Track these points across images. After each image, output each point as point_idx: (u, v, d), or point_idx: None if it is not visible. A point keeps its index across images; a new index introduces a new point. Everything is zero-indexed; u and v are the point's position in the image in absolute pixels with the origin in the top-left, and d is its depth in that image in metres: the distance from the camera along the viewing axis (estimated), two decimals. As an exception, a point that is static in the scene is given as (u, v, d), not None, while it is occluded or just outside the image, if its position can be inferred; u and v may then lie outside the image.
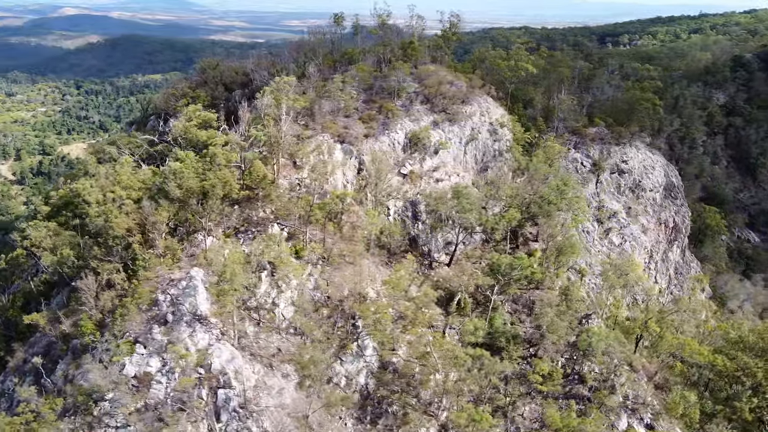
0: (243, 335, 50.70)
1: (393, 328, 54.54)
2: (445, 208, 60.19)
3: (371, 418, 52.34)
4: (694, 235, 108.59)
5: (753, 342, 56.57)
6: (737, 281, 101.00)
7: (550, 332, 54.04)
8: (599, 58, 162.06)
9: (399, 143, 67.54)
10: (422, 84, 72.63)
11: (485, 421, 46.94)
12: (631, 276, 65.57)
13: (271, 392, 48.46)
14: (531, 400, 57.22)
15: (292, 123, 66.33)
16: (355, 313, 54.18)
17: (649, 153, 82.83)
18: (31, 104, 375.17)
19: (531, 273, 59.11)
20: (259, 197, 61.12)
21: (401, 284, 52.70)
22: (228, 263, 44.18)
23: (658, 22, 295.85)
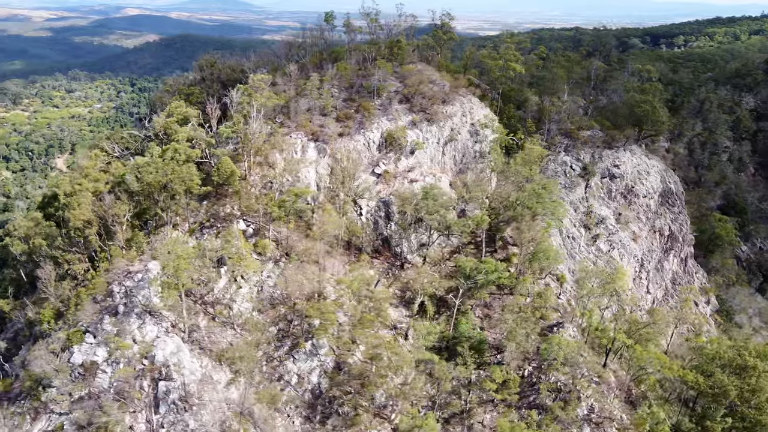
0: (195, 329, 51.22)
1: (351, 328, 54.11)
2: (411, 209, 59.21)
3: (321, 418, 52.00)
4: (703, 244, 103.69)
5: (729, 358, 53.39)
6: (747, 294, 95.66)
7: (508, 339, 52.39)
8: (618, 60, 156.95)
9: (374, 142, 66.92)
10: (404, 83, 71.77)
11: (426, 427, 45.87)
12: (611, 285, 62.99)
13: (216, 387, 48.79)
14: (493, 408, 55.88)
15: (269, 121, 66.76)
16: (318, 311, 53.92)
17: (644, 158, 79.27)
18: (88, 101, 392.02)
19: (497, 278, 57.46)
20: (228, 193, 61.82)
21: (354, 284, 52.06)
22: (172, 257, 44.54)
23: (717, 23, 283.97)
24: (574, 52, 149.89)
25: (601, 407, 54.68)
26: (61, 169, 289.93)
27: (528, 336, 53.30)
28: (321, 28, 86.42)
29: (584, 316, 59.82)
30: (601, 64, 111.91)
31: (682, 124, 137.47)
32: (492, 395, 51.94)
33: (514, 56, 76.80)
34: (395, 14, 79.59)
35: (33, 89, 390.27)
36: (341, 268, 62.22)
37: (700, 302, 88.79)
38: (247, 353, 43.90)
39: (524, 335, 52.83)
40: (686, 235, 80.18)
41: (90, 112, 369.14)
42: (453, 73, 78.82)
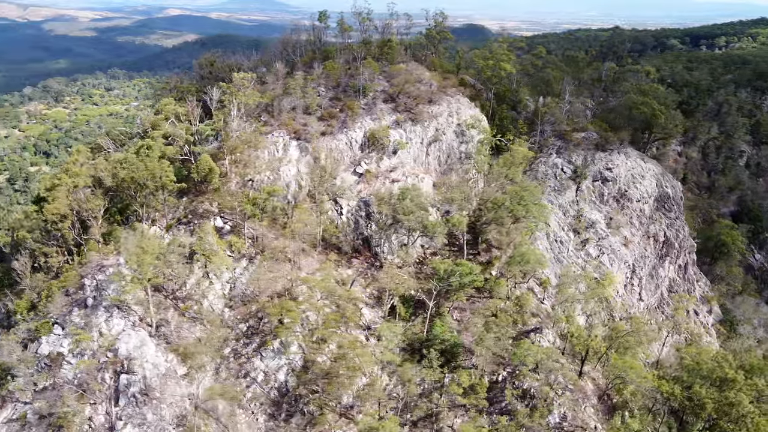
0: (164, 324, 51.76)
1: (320, 327, 53.96)
2: (387, 209, 58.74)
3: (285, 416, 52.01)
4: (709, 251, 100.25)
5: (709, 370, 51.41)
6: (754, 304, 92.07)
7: (476, 344, 51.48)
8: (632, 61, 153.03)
9: (357, 142, 66.67)
10: (391, 83, 71.35)
11: (383, 429, 45.38)
12: (596, 291, 61.42)
13: (180, 382, 49.21)
14: (465, 413, 55.06)
15: (253, 119, 67.20)
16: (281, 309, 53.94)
17: (639, 161, 76.84)
18: (126, 98, 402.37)
19: (471, 281, 56.53)
20: (208, 191, 62.38)
21: (319, 283, 51.89)
22: (135, 252, 45.11)
23: (761, 23, 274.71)
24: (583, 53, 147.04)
25: (574, 416, 53.32)
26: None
27: (498, 340, 52.29)
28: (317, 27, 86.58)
29: (564, 321, 58.36)
30: (612, 66, 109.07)
31: (696, 127, 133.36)
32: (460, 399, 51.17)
33: (506, 56, 75.46)
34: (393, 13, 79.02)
35: (74, 87, 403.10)
36: (318, 267, 62.18)
37: (700, 311, 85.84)
38: (202, 349, 43.86)
39: (493, 340, 51.84)
40: (683, 242, 77.56)
41: (127, 109, 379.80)
42: (446, 73, 78.05)
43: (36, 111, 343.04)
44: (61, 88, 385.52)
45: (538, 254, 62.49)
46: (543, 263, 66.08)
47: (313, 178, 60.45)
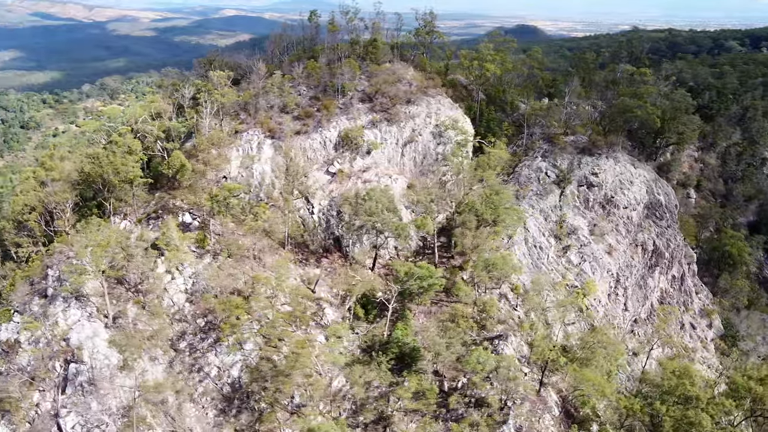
0: (122, 316, 52.89)
1: (269, 326, 54.08)
2: (350, 210, 58.39)
3: (236, 412, 52.38)
4: (714, 263, 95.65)
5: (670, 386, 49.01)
6: (760, 319, 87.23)
7: (426, 349, 50.52)
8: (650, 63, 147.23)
9: (331, 141, 66.54)
10: (371, 82, 70.91)
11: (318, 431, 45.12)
12: (565, 299, 59.38)
13: (131, 374, 50.16)
14: (420, 418, 54.23)
15: (230, 118, 68.00)
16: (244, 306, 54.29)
17: (629, 166, 73.74)
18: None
19: (430, 284, 55.53)
20: (182, 187, 63.43)
21: (269, 282, 51.94)
22: (85, 244, 46.24)
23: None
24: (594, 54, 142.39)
25: (530, 426, 51.79)
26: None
27: (450, 346, 51.19)
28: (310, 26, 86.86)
29: (528, 329, 56.68)
30: (628, 68, 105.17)
31: (716, 132, 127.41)
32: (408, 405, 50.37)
33: (491, 56, 73.85)
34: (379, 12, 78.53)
35: (129, 85, 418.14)
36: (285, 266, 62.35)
37: (698, 325, 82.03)
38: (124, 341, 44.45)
39: (444, 345, 50.78)
40: (676, 251, 74.13)
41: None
42: (433, 73, 76.98)
43: (92, 108, 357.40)
44: (117, 86, 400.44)
45: (509, 259, 60.87)
46: (516, 269, 64.43)
47: (279, 176, 60.57)
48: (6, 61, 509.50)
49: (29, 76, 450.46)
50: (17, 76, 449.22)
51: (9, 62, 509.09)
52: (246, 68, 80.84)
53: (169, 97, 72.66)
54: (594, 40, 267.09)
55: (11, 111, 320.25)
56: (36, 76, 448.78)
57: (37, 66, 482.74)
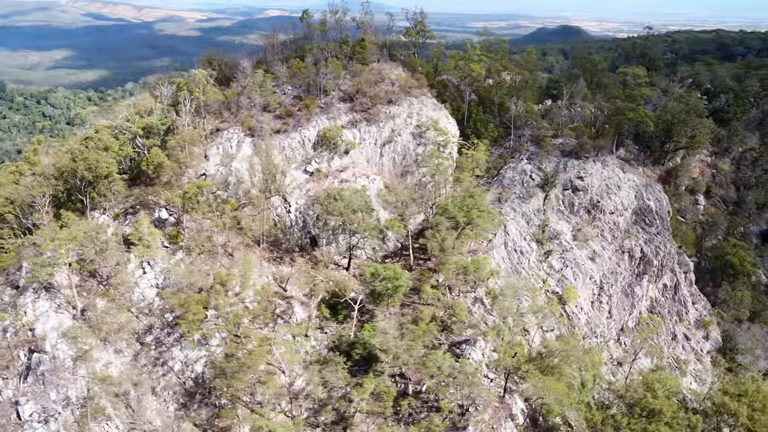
0: (91, 308, 54.06)
1: (242, 322, 54.49)
2: (320, 210, 58.38)
3: (197, 407, 52.97)
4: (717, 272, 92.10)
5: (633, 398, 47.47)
6: (761, 333, 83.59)
7: (382, 351, 50.07)
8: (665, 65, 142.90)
9: (309, 140, 66.66)
10: (354, 82, 70.76)
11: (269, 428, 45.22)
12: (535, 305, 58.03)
13: (95, 364, 51.20)
14: (383, 421, 53.90)
15: (212, 116, 68.84)
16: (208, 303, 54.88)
17: (618, 170, 71.43)
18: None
19: (396, 286, 55.09)
20: (162, 183, 64.49)
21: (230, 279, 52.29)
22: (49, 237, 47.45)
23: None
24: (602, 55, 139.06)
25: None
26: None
27: (409, 349, 50.56)
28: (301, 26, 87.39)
29: (494, 334, 55.62)
30: (637, 70, 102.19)
31: (731, 136, 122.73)
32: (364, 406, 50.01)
33: (477, 57, 72.77)
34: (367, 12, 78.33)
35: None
36: (257, 263, 62.81)
37: (693, 336, 79.20)
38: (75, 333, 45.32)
39: (403, 348, 50.20)
40: (666, 259, 71.64)
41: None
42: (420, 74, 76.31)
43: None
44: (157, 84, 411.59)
45: (484, 263, 59.94)
46: (494, 273, 63.44)
47: (253, 174, 61.00)
48: (58, 60, 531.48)
49: (78, 74, 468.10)
50: (67, 74, 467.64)
51: (60, 61, 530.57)
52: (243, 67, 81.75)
53: (155, 96, 74.14)
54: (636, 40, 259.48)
55: (59, 108, 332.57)
56: (85, 74, 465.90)
57: (87, 65, 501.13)
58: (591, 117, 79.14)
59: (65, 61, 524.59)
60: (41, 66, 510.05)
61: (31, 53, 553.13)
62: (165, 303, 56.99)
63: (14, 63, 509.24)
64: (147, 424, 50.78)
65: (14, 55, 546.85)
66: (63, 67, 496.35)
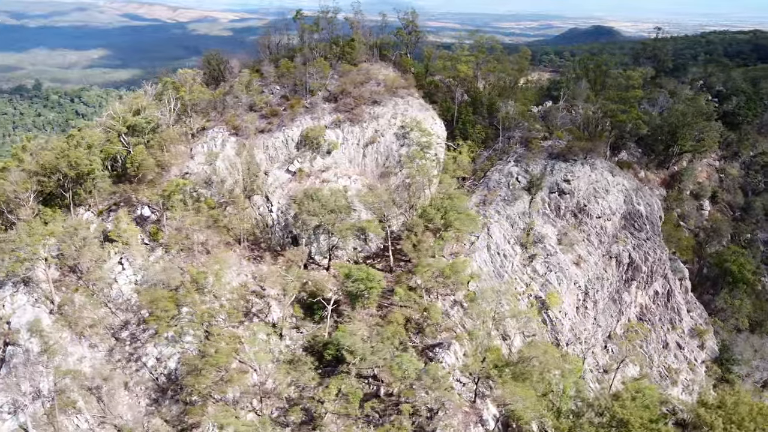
0: (68, 303, 55.06)
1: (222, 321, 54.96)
2: (296, 209, 58.48)
3: (168, 403, 53.54)
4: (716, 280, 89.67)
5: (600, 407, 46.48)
6: (759, 343, 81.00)
7: (349, 352, 49.88)
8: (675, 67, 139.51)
9: (293, 140, 66.83)
10: (340, 82, 70.73)
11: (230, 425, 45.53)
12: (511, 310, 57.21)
13: (69, 358, 52.18)
14: (354, 422, 53.83)
15: (198, 115, 69.52)
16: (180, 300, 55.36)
17: (606, 174, 69.82)
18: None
19: (369, 287, 54.86)
20: (146, 181, 65.35)
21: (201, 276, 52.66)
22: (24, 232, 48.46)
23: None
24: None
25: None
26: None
27: (376, 351, 50.30)
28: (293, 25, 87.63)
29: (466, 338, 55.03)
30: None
31: (741, 140, 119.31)
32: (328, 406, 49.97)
33: (465, 58, 72.04)
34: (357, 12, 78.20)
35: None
36: (237, 262, 63.25)
37: (686, 345, 77.23)
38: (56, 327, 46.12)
39: (370, 349, 49.98)
40: (656, 265, 69.91)
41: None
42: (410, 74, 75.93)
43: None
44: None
45: (461, 267, 59.31)
46: (474, 276, 62.80)
47: (233, 173, 61.39)
48: (94, 59, 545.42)
49: (113, 73, 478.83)
50: (103, 73, 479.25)
51: (97, 60, 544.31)
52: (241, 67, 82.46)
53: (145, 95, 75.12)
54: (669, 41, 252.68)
55: (91, 106, 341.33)
56: (119, 73, 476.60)
57: (122, 64, 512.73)
58: (583, 119, 77.55)
59: (101, 61, 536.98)
60: (78, 65, 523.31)
61: (68, 52, 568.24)
62: (142, 299, 57.79)
63: (53, 62, 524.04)
64: (118, 419, 51.58)
65: (53, 54, 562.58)
66: (99, 66, 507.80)
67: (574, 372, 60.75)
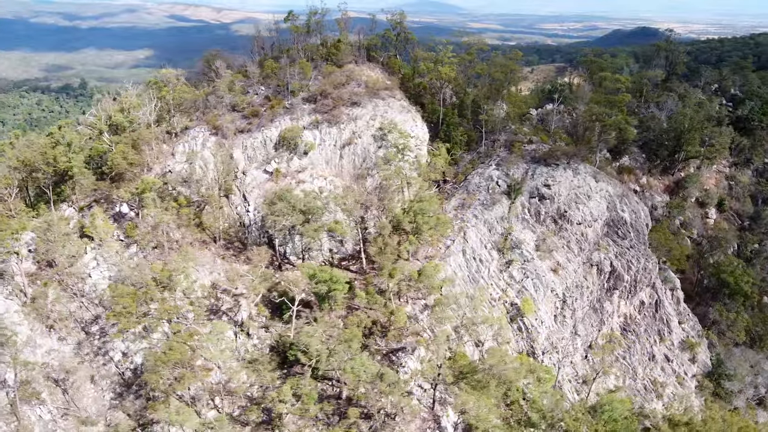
0: (42, 296, 56.60)
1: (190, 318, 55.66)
2: (266, 210, 58.84)
3: (133, 397, 54.52)
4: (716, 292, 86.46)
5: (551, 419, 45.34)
6: (757, 359, 77.79)
7: (303, 353, 49.87)
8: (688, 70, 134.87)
9: (271, 140, 67.26)
10: (321, 83, 70.84)
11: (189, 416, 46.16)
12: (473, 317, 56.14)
13: (37, 350, 53.69)
14: (314, 423, 53.96)
15: (183, 114, 70.64)
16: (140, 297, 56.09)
17: (589, 179, 67.93)
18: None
19: (331, 289, 54.80)
20: (126, 178, 66.75)
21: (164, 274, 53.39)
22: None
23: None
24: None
25: (412, 447, 49.88)
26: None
27: (331, 354, 50.15)
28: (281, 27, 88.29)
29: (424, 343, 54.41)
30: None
31: (755, 146, 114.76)
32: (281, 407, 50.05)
33: (449, 60, 71.23)
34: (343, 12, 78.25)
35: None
36: (211, 260, 64.00)
37: (675, 358, 74.76)
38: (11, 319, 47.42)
39: (326, 351, 49.89)
40: (641, 275, 67.83)
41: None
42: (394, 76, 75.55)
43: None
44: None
45: (431, 271, 58.71)
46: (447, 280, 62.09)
47: (207, 172, 62.17)
48: (140, 59, 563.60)
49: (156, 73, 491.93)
50: (147, 72, 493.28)
51: (143, 60, 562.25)
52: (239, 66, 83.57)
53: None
54: (717, 43, 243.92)
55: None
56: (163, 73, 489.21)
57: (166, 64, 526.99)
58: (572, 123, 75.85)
59: (147, 60, 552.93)
60: (125, 65, 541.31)
61: (116, 52, 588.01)
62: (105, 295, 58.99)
63: (101, 62, 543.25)
64: (82, 411, 52.80)
65: (101, 54, 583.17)
66: (145, 66, 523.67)
67: (547, 381, 59.60)
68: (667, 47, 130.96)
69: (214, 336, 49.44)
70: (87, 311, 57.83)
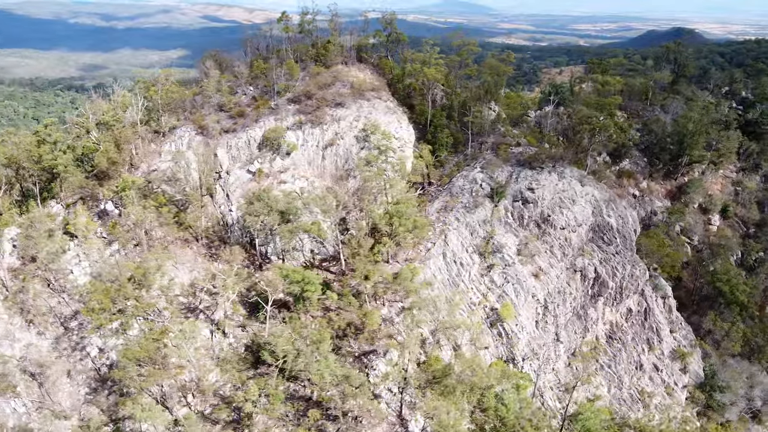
0: (23, 291, 57.86)
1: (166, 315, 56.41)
2: (243, 210, 59.17)
3: (107, 393, 55.36)
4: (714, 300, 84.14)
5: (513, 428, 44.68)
6: (749, 370, 75.47)
7: (269, 353, 50.02)
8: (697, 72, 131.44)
9: (255, 141, 67.62)
10: (307, 84, 70.95)
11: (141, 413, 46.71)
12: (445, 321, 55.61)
13: (15, 344, 54.89)
14: (283, 424, 54.18)
15: (171, 114, 71.48)
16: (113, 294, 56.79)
17: (575, 183, 66.60)
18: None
19: (304, 290, 54.89)
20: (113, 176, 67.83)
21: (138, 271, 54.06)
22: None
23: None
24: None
25: (376, 451, 49.69)
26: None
27: (299, 354, 50.19)
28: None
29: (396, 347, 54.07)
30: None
31: (763, 151, 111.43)
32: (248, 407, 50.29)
33: (434, 61, 70.67)
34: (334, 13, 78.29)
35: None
36: (192, 259, 64.65)
37: (665, 368, 73.02)
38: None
39: (294, 352, 49.95)
40: (627, 281, 66.40)
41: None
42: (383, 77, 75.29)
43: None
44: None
45: (407, 274, 58.39)
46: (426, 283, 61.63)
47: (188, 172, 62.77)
48: (173, 59, 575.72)
49: (188, 72, 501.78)
50: (179, 72, 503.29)
51: (176, 60, 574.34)
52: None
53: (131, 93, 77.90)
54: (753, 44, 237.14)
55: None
56: (193, 72, 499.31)
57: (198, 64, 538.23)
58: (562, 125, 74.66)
59: (180, 60, 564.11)
60: (158, 64, 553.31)
61: (150, 52, 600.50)
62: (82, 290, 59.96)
63: (135, 62, 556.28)
64: (57, 405, 53.80)
65: (136, 54, 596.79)
66: (177, 65, 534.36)
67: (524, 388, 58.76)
68: (675, 49, 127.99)
69: (185, 334, 49.93)
70: (67, 307, 58.93)
